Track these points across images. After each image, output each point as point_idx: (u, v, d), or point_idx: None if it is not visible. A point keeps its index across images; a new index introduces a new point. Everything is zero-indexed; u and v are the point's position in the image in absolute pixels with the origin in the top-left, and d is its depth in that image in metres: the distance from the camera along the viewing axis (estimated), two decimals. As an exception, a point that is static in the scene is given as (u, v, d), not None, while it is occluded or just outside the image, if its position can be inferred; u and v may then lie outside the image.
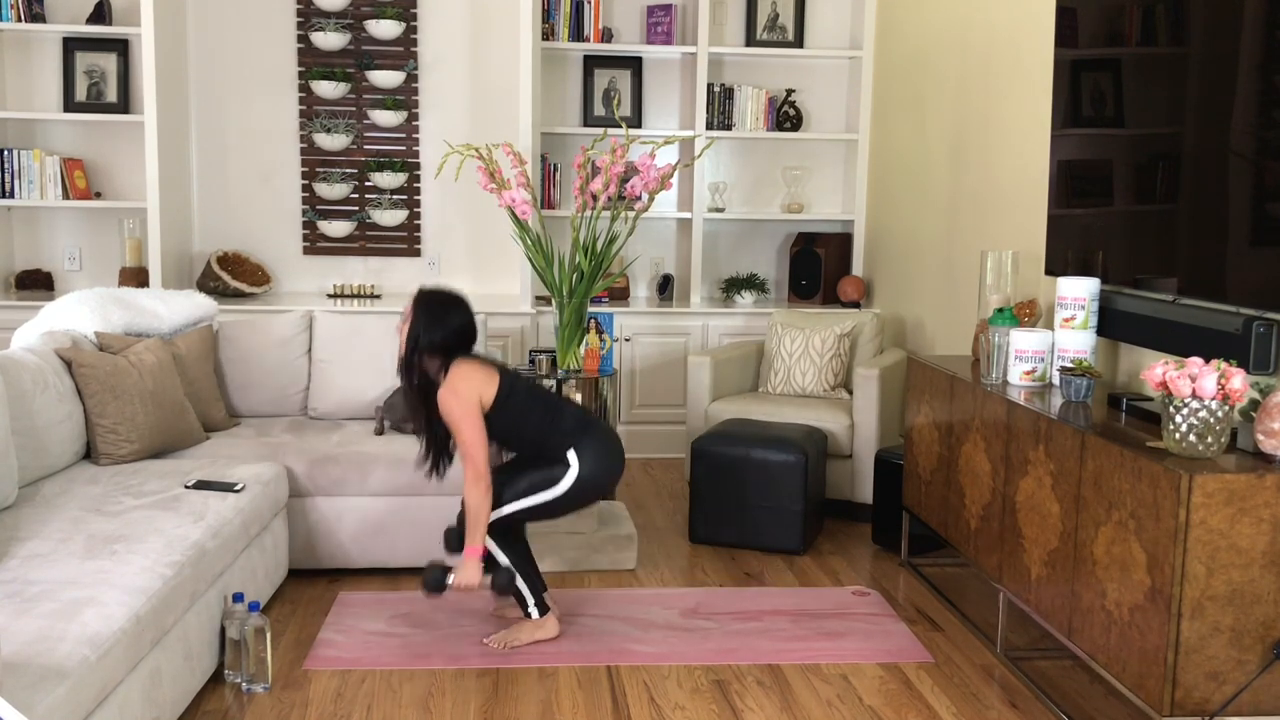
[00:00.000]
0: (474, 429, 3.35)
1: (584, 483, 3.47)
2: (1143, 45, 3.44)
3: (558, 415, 3.50)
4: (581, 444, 3.47)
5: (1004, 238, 4.48)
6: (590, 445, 3.48)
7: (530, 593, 3.54)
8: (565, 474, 3.46)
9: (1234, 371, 2.61)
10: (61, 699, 2.20)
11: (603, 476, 3.50)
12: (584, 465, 3.46)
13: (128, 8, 5.70)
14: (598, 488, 3.52)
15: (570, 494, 3.47)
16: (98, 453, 3.77)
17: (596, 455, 3.48)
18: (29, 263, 5.88)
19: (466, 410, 3.35)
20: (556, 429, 3.47)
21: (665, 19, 6.00)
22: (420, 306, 3.44)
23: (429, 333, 3.40)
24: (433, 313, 3.42)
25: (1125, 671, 2.76)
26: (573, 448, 3.47)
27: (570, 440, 3.47)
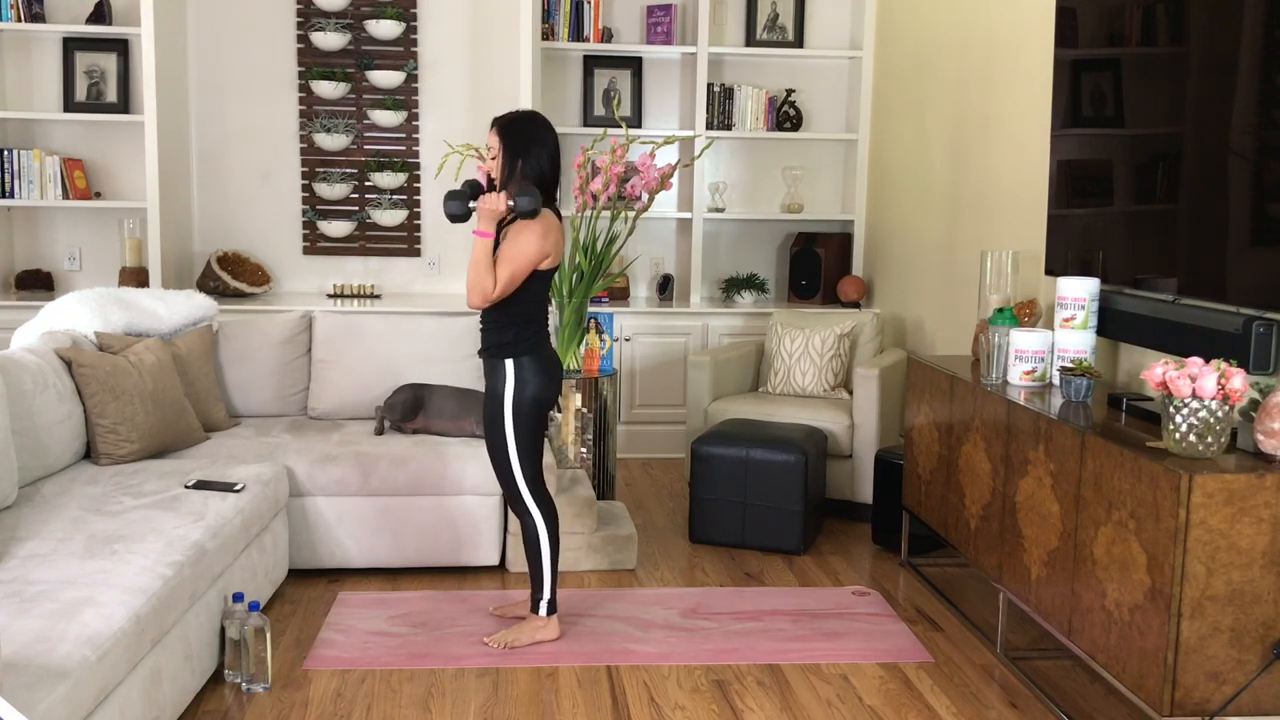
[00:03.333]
0: (522, 272, 3.27)
1: (523, 403, 3.39)
2: (1143, 45, 3.44)
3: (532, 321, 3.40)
4: (520, 360, 3.37)
5: (1004, 238, 4.48)
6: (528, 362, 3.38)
7: (549, 589, 3.52)
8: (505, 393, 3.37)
9: (1234, 371, 2.61)
10: (61, 699, 2.20)
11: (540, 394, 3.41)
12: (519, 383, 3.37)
13: (128, 8, 5.70)
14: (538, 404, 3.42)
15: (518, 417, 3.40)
16: (98, 453, 3.77)
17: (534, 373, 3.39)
18: (29, 263, 5.88)
19: (535, 249, 3.25)
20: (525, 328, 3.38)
21: (665, 19, 6.00)
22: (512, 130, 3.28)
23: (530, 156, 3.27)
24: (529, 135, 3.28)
25: (1125, 671, 2.76)
26: (510, 358, 3.38)
27: (517, 350, 3.37)
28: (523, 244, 3.28)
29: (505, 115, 3.38)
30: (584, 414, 4.74)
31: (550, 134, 3.36)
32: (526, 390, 3.41)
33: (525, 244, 3.28)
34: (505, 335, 3.41)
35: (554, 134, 3.38)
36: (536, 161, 3.32)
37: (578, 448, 4.74)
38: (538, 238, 3.28)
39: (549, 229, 3.32)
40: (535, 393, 3.42)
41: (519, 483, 3.48)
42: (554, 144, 3.36)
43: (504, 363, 3.41)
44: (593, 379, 4.75)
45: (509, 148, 3.32)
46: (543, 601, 3.54)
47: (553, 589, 3.54)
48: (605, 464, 4.80)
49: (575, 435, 4.73)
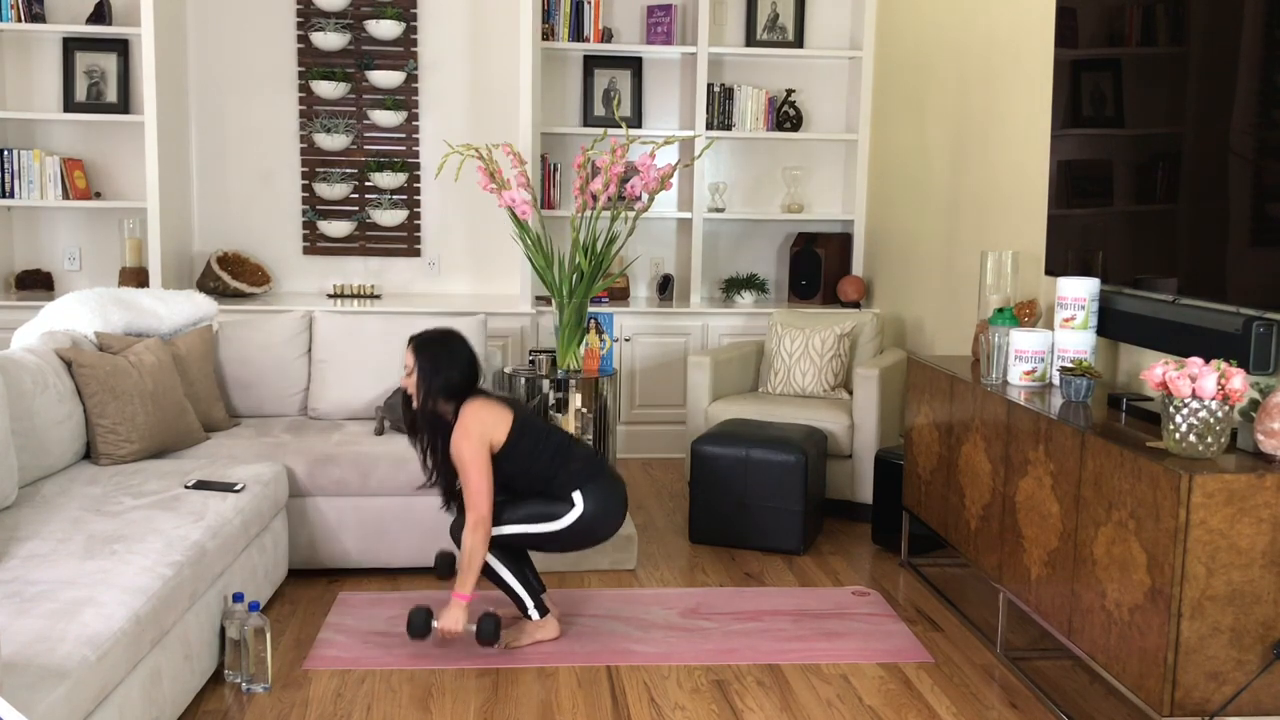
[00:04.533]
0: (481, 473, 3.36)
1: (585, 523, 3.46)
2: (1143, 45, 3.44)
3: (567, 457, 3.49)
4: (588, 487, 3.47)
5: (1004, 238, 4.48)
6: (596, 490, 3.48)
7: (528, 595, 3.54)
8: (568, 512, 3.46)
9: (1234, 371, 2.61)
10: (61, 699, 2.20)
11: (604, 519, 3.49)
12: (587, 506, 3.45)
13: (128, 8, 5.70)
14: (596, 530, 3.50)
15: (569, 531, 3.46)
16: (98, 453, 3.76)
17: (601, 500, 3.47)
18: (29, 263, 5.88)
19: (476, 453, 3.36)
20: (564, 469, 3.47)
21: (665, 19, 6.00)
22: (423, 352, 3.42)
23: (439, 375, 3.40)
24: (438, 356, 3.42)
25: (1125, 671, 2.76)
26: (579, 489, 3.46)
27: (577, 482, 3.47)
28: (463, 455, 3.36)
29: (419, 335, 3.47)
30: (584, 414, 4.74)
31: (462, 348, 3.46)
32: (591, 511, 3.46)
33: (464, 453, 3.36)
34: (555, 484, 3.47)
35: (466, 347, 3.47)
36: (446, 379, 3.41)
37: (578, 448, 4.73)
38: (467, 437, 3.36)
39: (469, 422, 3.38)
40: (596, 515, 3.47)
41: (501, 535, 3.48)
42: (465, 355, 3.46)
43: (571, 496, 3.46)
44: (593, 379, 4.75)
45: (422, 368, 3.42)
46: (531, 609, 3.54)
47: (534, 597, 3.54)
48: (605, 464, 4.79)
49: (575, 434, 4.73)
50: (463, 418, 3.40)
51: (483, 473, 3.36)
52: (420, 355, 3.42)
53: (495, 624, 3.41)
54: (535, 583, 3.57)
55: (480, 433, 3.37)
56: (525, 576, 3.55)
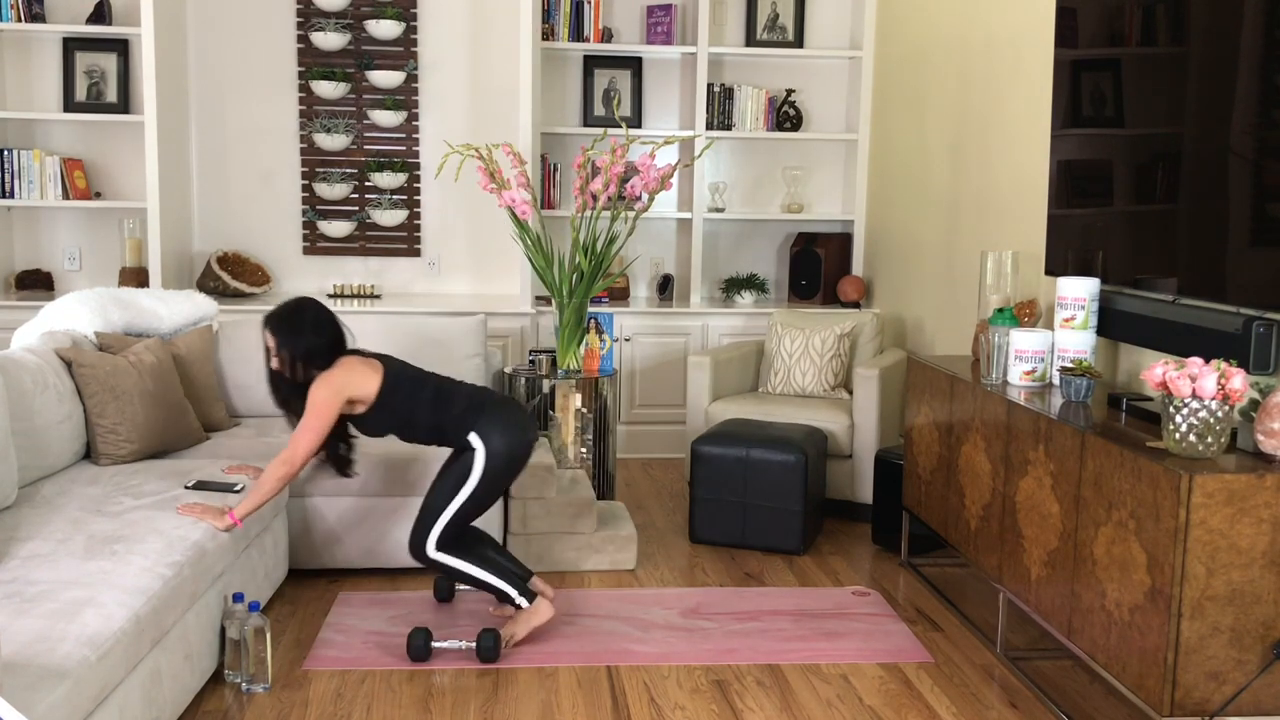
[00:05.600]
0: (321, 418, 3.30)
1: (496, 459, 3.41)
2: (1143, 45, 3.44)
3: (448, 400, 3.44)
4: (480, 423, 3.42)
5: (1004, 238, 4.48)
6: (489, 421, 3.42)
7: (509, 585, 3.51)
8: (474, 458, 3.41)
9: (1234, 371, 2.61)
10: (61, 699, 2.19)
11: (514, 448, 3.43)
12: (491, 443, 3.40)
13: (128, 8, 5.70)
14: (513, 460, 3.45)
15: (487, 475, 3.41)
16: (98, 453, 3.76)
17: (500, 429, 3.42)
18: (29, 263, 5.89)
19: (327, 399, 3.30)
20: (449, 414, 3.42)
21: (665, 19, 6.00)
22: (278, 328, 3.37)
23: (300, 345, 3.35)
24: (294, 327, 3.37)
25: (1125, 671, 2.76)
26: (472, 429, 3.41)
27: (468, 422, 3.42)
28: (314, 398, 3.31)
29: (270, 313, 3.41)
30: (584, 414, 4.74)
31: (316, 312, 3.41)
32: (498, 444, 3.41)
33: (315, 396, 3.31)
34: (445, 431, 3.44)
35: (320, 310, 3.42)
36: (309, 346, 3.36)
37: (578, 448, 4.74)
38: (325, 384, 3.32)
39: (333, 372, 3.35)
40: (507, 444, 3.42)
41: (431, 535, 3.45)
42: (321, 319, 3.40)
43: (468, 439, 3.42)
44: (593, 379, 4.75)
45: (281, 343, 3.37)
46: (518, 599, 3.52)
47: (516, 586, 3.51)
48: (605, 464, 4.80)
49: (575, 435, 4.73)
50: (330, 368, 3.36)
51: (322, 419, 3.30)
52: (277, 332, 3.37)
53: (495, 640, 3.40)
54: (515, 569, 3.55)
55: (341, 384, 3.33)
56: (500, 567, 3.52)
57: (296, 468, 3.31)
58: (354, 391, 3.35)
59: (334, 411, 3.33)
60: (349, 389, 3.34)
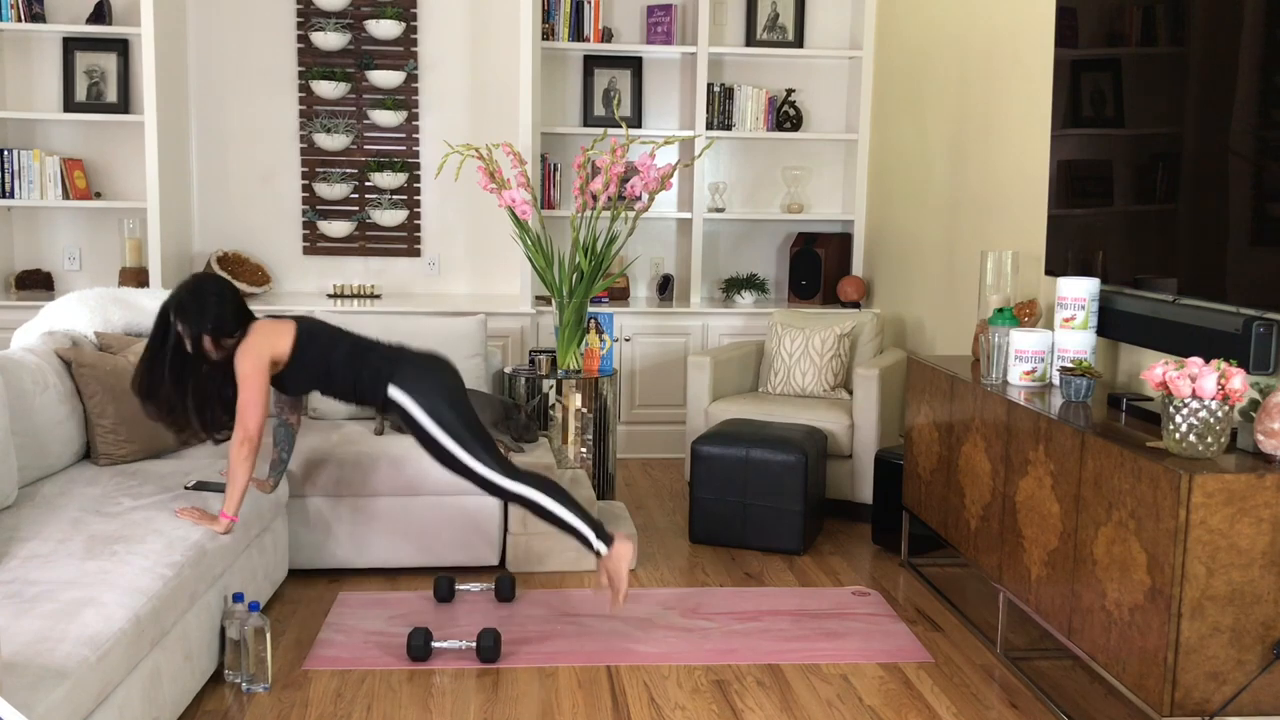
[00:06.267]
0: (256, 388, 3.30)
1: (431, 399, 3.39)
2: (1143, 45, 3.44)
3: (365, 354, 3.44)
4: (396, 375, 3.41)
5: (1004, 238, 4.48)
6: (405, 372, 3.41)
7: (588, 526, 3.47)
8: (411, 410, 3.38)
9: (1234, 371, 2.61)
10: (61, 699, 2.20)
11: (438, 380, 3.42)
12: (411, 390, 3.39)
13: (128, 8, 5.70)
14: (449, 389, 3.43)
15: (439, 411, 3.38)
16: (98, 453, 3.76)
17: (418, 373, 3.41)
18: (29, 263, 5.89)
19: (253, 366, 3.30)
20: (368, 370, 3.42)
21: (665, 19, 6.00)
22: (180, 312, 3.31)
23: (206, 320, 3.30)
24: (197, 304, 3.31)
25: (1125, 671, 2.76)
26: (390, 383, 3.40)
27: (385, 378, 3.41)
28: (242, 370, 3.31)
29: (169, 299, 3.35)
30: (584, 414, 4.74)
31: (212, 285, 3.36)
32: (425, 392, 3.40)
33: (243, 367, 3.31)
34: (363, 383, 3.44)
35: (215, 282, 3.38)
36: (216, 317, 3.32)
37: (578, 448, 4.74)
38: (247, 352, 3.32)
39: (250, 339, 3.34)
40: (433, 388, 3.41)
41: (487, 475, 3.42)
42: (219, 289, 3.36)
43: (389, 394, 3.41)
44: (593, 379, 4.75)
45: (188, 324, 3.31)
46: (594, 543, 3.48)
47: (592, 528, 3.48)
48: (605, 464, 4.80)
49: (575, 435, 4.73)
50: (246, 337, 3.35)
51: (258, 387, 3.30)
52: (183, 317, 3.31)
53: (495, 640, 3.40)
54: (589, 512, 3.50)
55: (259, 348, 3.33)
56: (575, 506, 3.48)
57: (255, 442, 3.30)
58: (273, 350, 3.36)
59: (265, 376, 3.33)
60: (269, 349, 3.35)
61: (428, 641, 3.40)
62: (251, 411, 3.30)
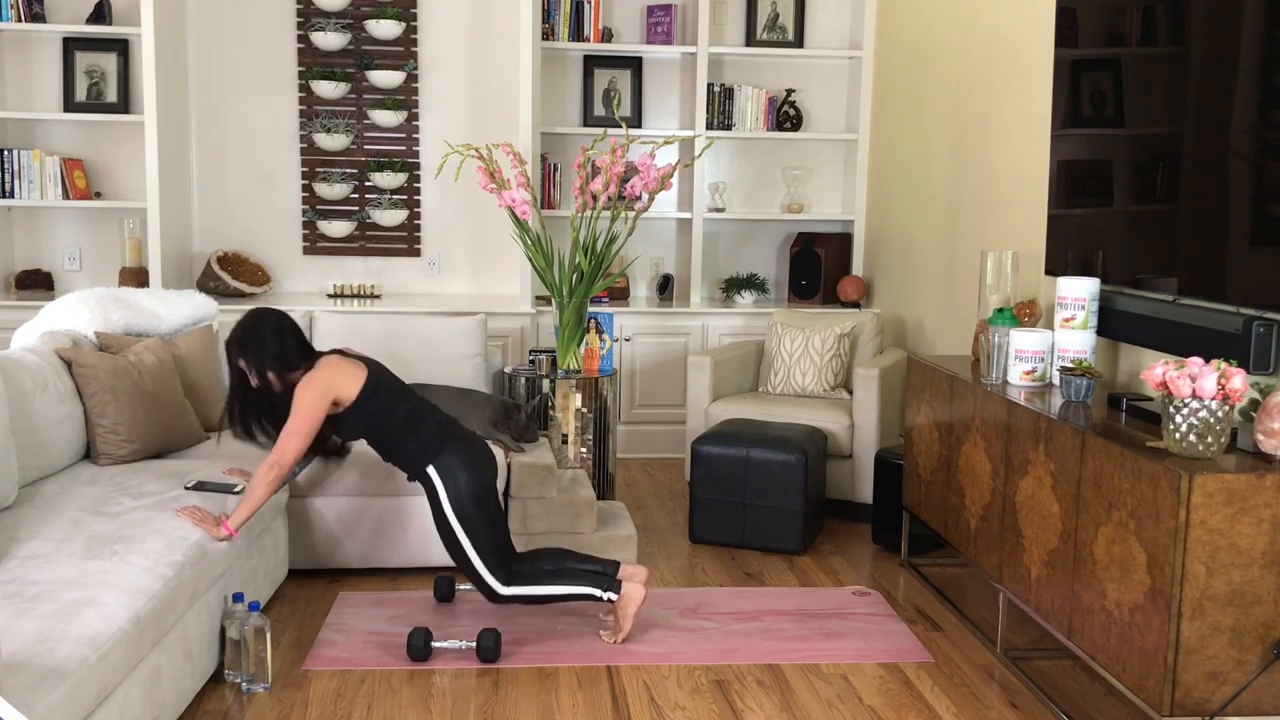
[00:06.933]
0: (308, 421, 3.29)
1: (459, 491, 3.40)
2: (1143, 45, 3.44)
3: (421, 422, 3.44)
4: (440, 458, 3.41)
5: (1004, 238, 4.49)
6: (450, 456, 3.42)
7: (592, 588, 3.48)
8: (440, 497, 3.40)
9: (1234, 371, 2.61)
10: (61, 699, 2.20)
11: (477, 481, 3.42)
12: (448, 479, 3.40)
13: (128, 8, 5.70)
14: (483, 491, 3.43)
15: (464, 510, 3.40)
16: (98, 453, 3.76)
17: (460, 464, 3.41)
18: (29, 263, 5.89)
19: (314, 400, 3.30)
20: (416, 436, 3.42)
21: (665, 19, 6.00)
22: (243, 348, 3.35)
23: (268, 355, 3.34)
24: (254, 339, 3.35)
25: (1125, 671, 2.76)
26: (431, 462, 3.41)
27: (429, 455, 3.41)
28: (300, 399, 3.31)
29: (230, 336, 3.39)
30: (584, 414, 4.74)
31: (271, 320, 3.39)
32: (459, 484, 3.40)
33: (302, 396, 3.31)
34: (408, 451, 3.44)
35: (274, 316, 3.41)
36: (278, 351, 3.36)
37: (578, 448, 4.74)
38: (310, 383, 3.32)
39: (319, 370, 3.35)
40: (467, 483, 3.41)
41: (486, 579, 3.44)
42: (279, 325, 3.39)
43: (426, 471, 3.42)
44: (593, 379, 4.75)
45: (250, 360, 3.36)
46: (601, 597, 3.50)
47: (595, 584, 3.49)
48: (605, 464, 4.80)
49: (575, 435, 4.73)
50: (314, 368, 3.36)
51: (306, 421, 3.29)
52: (244, 351, 3.35)
53: (495, 640, 3.40)
54: (594, 567, 3.51)
55: (326, 384, 3.32)
56: (576, 573, 3.49)
57: (285, 470, 3.31)
58: (338, 391, 3.36)
59: (321, 412, 3.33)
60: (334, 389, 3.35)
61: (428, 641, 3.40)
62: (293, 441, 3.30)
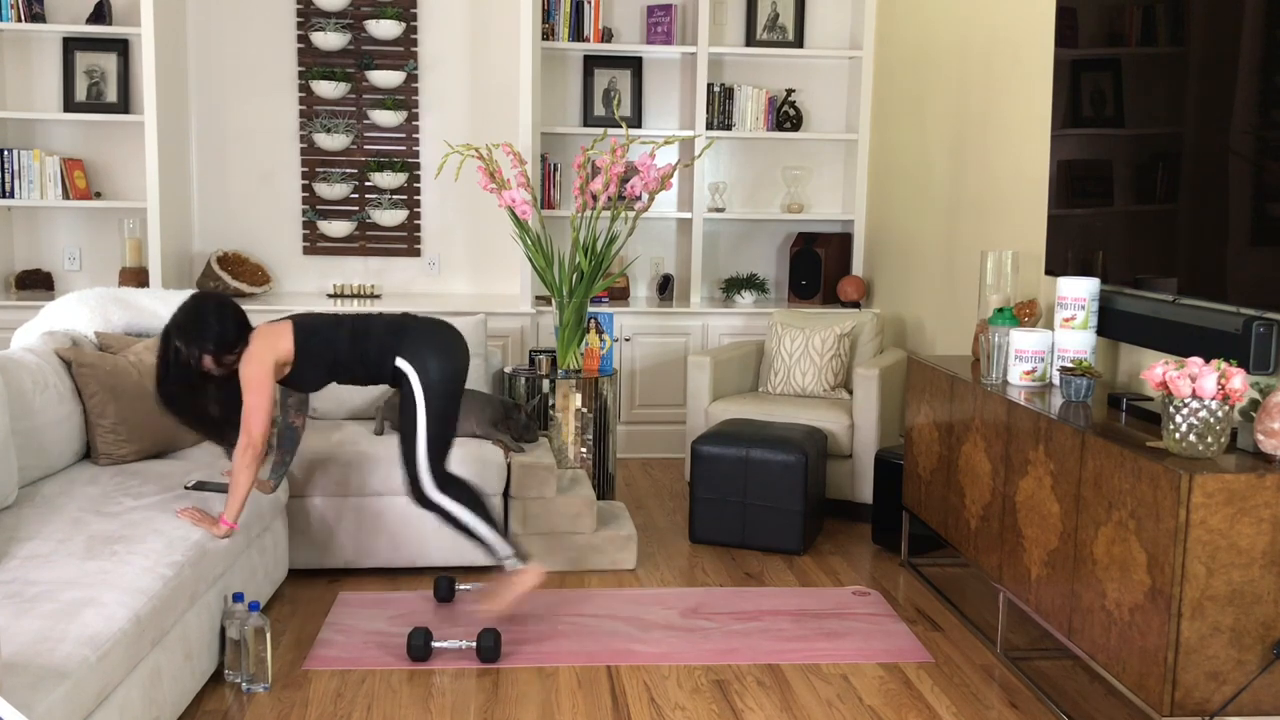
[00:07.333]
0: (260, 393, 3.27)
1: (431, 375, 3.38)
2: (1143, 45, 3.44)
3: (366, 333, 3.42)
4: (403, 346, 3.39)
5: (1004, 238, 4.48)
6: (413, 343, 3.40)
7: (502, 542, 3.48)
8: (413, 385, 3.38)
9: (1234, 371, 2.61)
10: (61, 699, 2.20)
11: (447, 362, 3.41)
12: (419, 364, 3.38)
13: (128, 8, 5.70)
14: (451, 371, 3.42)
15: (432, 394, 3.38)
16: (98, 453, 3.76)
17: (426, 347, 3.40)
18: (29, 263, 5.89)
19: (257, 372, 3.28)
20: (372, 345, 3.40)
21: (665, 19, 6.00)
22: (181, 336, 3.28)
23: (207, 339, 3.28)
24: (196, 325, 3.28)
25: (1125, 671, 2.76)
26: (396, 354, 3.39)
27: (389, 346, 3.40)
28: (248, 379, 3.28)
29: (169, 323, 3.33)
30: (584, 414, 4.74)
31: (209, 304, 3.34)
32: (428, 368, 3.39)
33: (249, 376, 3.29)
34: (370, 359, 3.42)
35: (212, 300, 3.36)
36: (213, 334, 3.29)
37: (578, 448, 4.74)
38: (250, 360, 3.29)
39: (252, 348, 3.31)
40: (438, 367, 3.39)
41: (422, 474, 3.41)
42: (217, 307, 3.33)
43: (397, 366, 3.40)
44: (593, 379, 4.75)
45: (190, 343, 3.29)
46: (504, 558, 3.49)
47: (508, 542, 3.48)
48: (605, 464, 4.80)
49: (575, 435, 4.73)
50: (248, 348, 3.33)
51: (262, 394, 3.27)
52: (185, 339, 3.28)
53: (495, 640, 3.40)
54: (499, 526, 3.51)
55: (261, 353, 3.30)
56: (489, 517, 3.48)
57: (259, 449, 3.28)
58: (277, 352, 3.34)
59: (269, 381, 3.31)
60: (274, 351, 3.33)
61: (428, 641, 3.40)
62: (256, 417, 3.28)
